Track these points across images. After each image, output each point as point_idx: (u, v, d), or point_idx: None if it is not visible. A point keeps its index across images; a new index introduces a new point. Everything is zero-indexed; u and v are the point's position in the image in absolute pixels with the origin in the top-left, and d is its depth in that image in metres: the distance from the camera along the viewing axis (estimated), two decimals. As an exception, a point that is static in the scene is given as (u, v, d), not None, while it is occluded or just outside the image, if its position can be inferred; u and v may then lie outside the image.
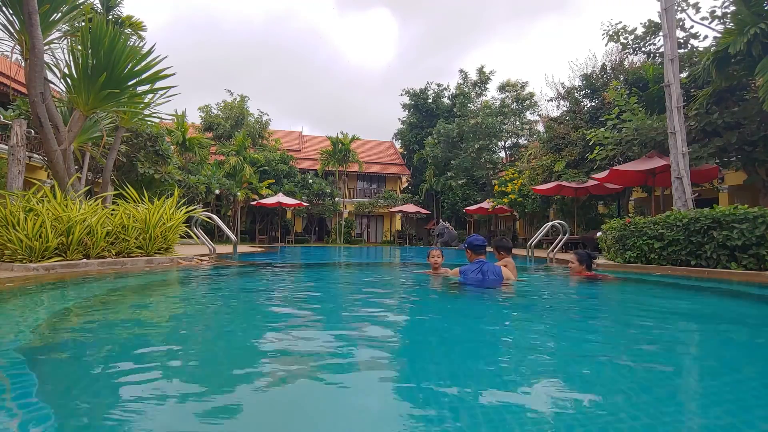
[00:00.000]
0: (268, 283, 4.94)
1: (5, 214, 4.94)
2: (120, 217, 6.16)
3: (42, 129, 5.99)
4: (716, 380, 1.56)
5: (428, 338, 2.20)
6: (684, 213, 6.35)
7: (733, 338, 2.32)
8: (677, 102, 7.71)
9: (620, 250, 7.30)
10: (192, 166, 19.00)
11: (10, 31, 6.19)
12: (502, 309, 3.13)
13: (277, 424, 1.13)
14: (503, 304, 3.31)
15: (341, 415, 1.18)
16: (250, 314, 2.94)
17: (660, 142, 10.17)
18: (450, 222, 26.21)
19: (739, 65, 8.44)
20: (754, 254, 5.43)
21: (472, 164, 24.80)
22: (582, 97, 16.95)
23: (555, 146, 16.38)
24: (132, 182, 10.64)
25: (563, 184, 14.04)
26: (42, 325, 2.28)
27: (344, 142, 27.43)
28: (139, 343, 1.98)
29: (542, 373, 1.60)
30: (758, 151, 8.96)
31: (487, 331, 2.41)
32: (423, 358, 1.81)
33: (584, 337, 2.28)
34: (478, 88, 28.48)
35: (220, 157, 24.26)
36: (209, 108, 28.81)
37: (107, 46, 6.19)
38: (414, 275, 5.72)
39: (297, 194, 26.46)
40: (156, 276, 4.93)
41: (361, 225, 33.29)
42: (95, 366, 1.60)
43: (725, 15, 9.72)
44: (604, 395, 1.35)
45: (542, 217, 20.46)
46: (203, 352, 1.86)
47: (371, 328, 2.38)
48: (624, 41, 12.93)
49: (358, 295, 4.09)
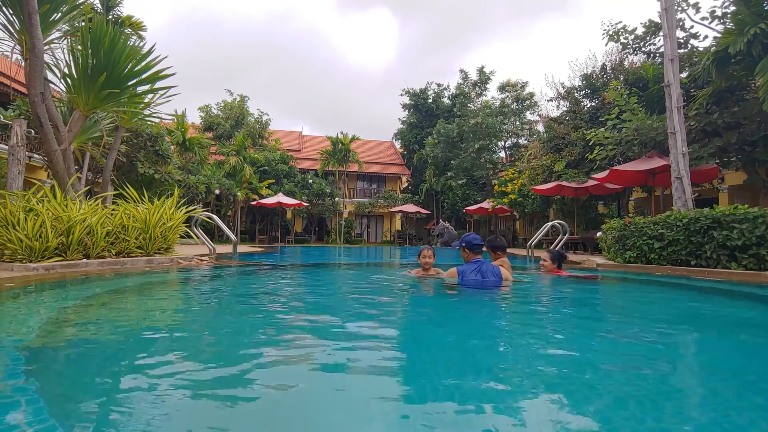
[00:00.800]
0: (268, 283, 4.94)
1: (5, 214, 4.94)
2: (120, 217, 6.16)
3: (42, 129, 5.99)
4: (724, 382, 1.56)
5: (433, 352, 1.89)
6: (684, 213, 6.35)
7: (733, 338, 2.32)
8: (677, 102, 7.71)
9: (620, 250, 7.30)
10: (192, 166, 19.00)
11: (10, 31, 6.19)
12: (515, 315, 2.95)
13: (277, 424, 1.13)
14: (514, 308, 3.18)
15: (342, 415, 1.18)
16: (250, 314, 2.94)
17: (660, 142, 10.18)
18: (450, 222, 26.22)
19: (739, 65, 8.44)
20: (754, 254, 5.43)
21: (472, 164, 24.81)
22: (582, 97, 16.95)
23: (555, 146, 16.38)
24: (132, 182, 10.64)
25: (563, 184, 14.04)
26: (42, 325, 2.28)
27: (344, 142, 27.44)
28: (139, 343, 1.98)
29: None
30: (758, 151, 8.97)
31: (504, 344, 2.13)
32: (431, 376, 1.54)
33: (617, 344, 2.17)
34: (478, 88, 28.49)
35: (220, 157, 24.27)
36: (209, 108, 28.83)
37: (107, 46, 6.19)
38: (404, 277, 4.98)
39: (297, 194, 26.47)
40: (156, 276, 4.93)
41: (361, 225, 33.29)
42: (95, 366, 1.60)
43: (725, 15, 9.72)
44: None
45: (542, 217, 20.46)
46: (203, 353, 1.86)
47: (367, 339, 2.25)
48: (624, 41, 12.94)
49: (350, 301, 3.67)
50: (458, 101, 27.51)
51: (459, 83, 29.70)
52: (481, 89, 28.48)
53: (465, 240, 4.13)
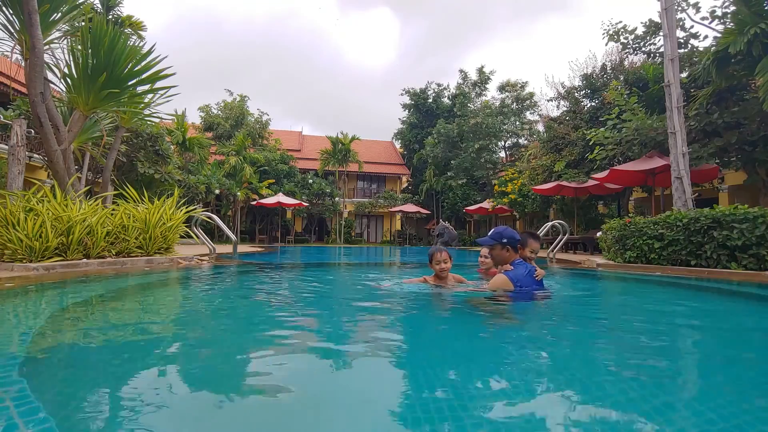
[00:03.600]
0: (268, 283, 4.94)
1: (5, 214, 4.94)
2: (120, 217, 6.16)
3: (42, 129, 5.99)
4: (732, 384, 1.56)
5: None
6: (684, 213, 6.35)
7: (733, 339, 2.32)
8: (677, 102, 7.71)
9: (620, 250, 7.30)
10: (192, 166, 19.01)
11: (10, 31, 6.19)
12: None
13: (277, 424, 1.13)
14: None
15: (342, 416, 1.18)
16: (250, 314, 2.94)
17: (660, 142, 10.18)
18: (450, 222, 26.21)
19: (739, 65, 8.44)
20: (754, 254, 5.43)
21: (472, 164, 24.81)
22: (582, 97, 16.96)
23: (555, 146, 16.38)
24: (132, 182, 10.64)
25: (563, 184, 14.04)
26: (42, 325, 2.28)
27: (344, 141, 27.44)
28: (138, 343, 1.98)
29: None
30: (758, 151, 8.97)
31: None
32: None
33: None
34: (478, 88, 28.50)
35: (220, 157, 24.28)
36: (209, 108, 28.83)
37: (107, 46, 6.19)
38: (415, 291, 3.40)
39: (297, 194, 26.47)
40: (156, 276, 4.93)
41: (361, 225, 33.30)
42: (95, 366, 1.60)
43: (725, 15, 9.72)
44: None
45: (542, 217, 20.47)
46: (203, 353, 1.86)
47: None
48: (624, 41, 12.94)
49: (355, 311, 3.04)
50: (458, 101, 27.51)
51: (459, 83, 29.72)
52: (481, 89, 28.49)
53: (505, 235, 3.01)
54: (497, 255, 3.07)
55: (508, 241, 2.99)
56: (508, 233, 3.02)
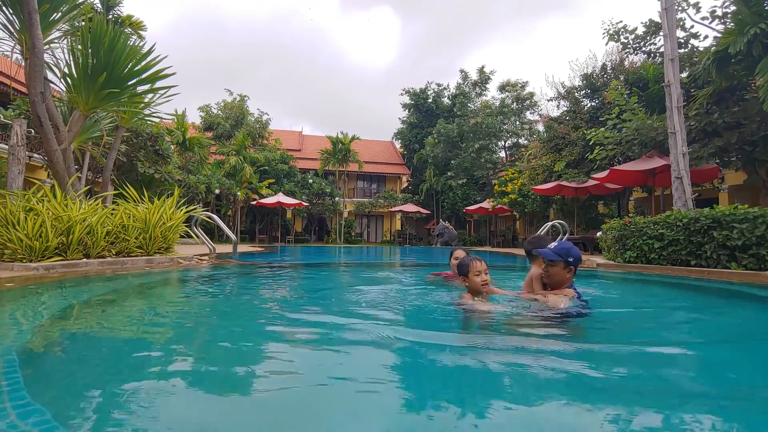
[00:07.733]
0: (268, 282, 4.94)
1: (5, 213, 4.93)
2: (120, 216, 6.15)
3: (42, 128, 5.99)
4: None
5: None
6: (684, 213, 6.35)
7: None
8: (677, 102, 7.71)
9: (620, 250, 7.30)
10: (192, 166, 19.01)
11: (10, 31, 6.18)
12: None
13: (277, 424, 1.13)
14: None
15: (342, 415, 1.18)
16: (250, 314, 2.94)
17: (660, 142, 10.18)
18: (450, 222, 26.21)
19: (740, 65, 8.44)
20: (754, 254, 5.43)
21: (472, 164, 24.81)
22: (582, 97, 16.95)
23: (555, 146, 16.38)
24: (132, 182, 10.64)
25: (563, 184, 14.04)
26: (42, 325, 2.28)
27: (344, 141, 27.43)
28: (138, 343, 1.98)
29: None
30: (758, 151, 8.97)
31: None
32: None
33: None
34: (478, 87, 28.50)
35: (220, 157, 24.27)
36: (209, 108, 28.83)
37: (107, 46, 6.19)
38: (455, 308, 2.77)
39: (297, 194, 26.46)
40: (156, 276, 4.93)
41: (361, 225, 33.29)
42: (95, 366, 1.60)
43: (725, 15, 9.72)
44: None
45: (542, 217, 20.47)
46: (203, 353, 1.86)
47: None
48: (624, 41, 12.95)
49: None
50: (458, 101, 27.51)
51: (459, 83, 29.72)
52: (481, 89, 28.49)
53: (573, 254, 2.60)
54: (556, 273, 2.62)
55: (574, 261, 2.59)
56: (575, 252, 2.60)
